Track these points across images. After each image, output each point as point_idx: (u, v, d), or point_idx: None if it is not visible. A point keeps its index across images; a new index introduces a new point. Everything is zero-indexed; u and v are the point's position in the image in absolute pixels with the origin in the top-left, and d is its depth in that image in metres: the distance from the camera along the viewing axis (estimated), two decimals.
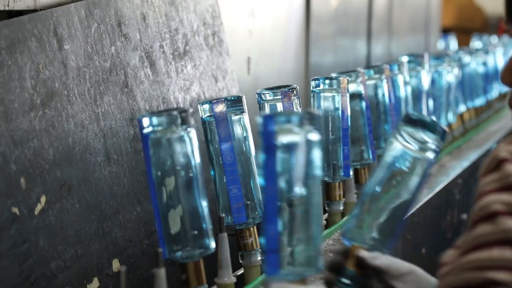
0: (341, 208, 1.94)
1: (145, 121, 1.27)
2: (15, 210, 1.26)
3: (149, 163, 1.28)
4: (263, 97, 1.65)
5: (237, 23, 2.13)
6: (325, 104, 1.90)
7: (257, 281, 1.51)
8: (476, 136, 3.05)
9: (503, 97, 3.55)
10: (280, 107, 1.65)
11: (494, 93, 3.49)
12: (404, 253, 1.99)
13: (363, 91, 2.06)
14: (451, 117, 2.94)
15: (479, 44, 4.06)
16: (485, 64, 3.35)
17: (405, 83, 2.45)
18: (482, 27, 5.76)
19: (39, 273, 1.30)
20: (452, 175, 2.47)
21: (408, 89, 2.48)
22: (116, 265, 1.47)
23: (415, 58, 2.69)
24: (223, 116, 1.51)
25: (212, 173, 1.54)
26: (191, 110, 1.73)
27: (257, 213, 1.54)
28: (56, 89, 1.39)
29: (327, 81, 1.91)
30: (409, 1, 3.69)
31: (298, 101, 1.67)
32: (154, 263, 1.26)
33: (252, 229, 1.54)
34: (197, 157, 1.30)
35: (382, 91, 2.32)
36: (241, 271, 1.57)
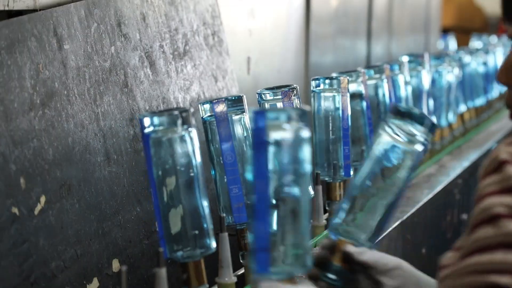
0: None
1: (146, 121, 1.27)
2: (14, 210, 1.26)
3: (150, 162, 1.28)
4: (263, 97, 1.65)
5: (237, 23, 2.12)
6: (325, 104, 1.90)
7: None
8: (476, 136, 3.04)
9: (503, 97, 3.55)
10: (280, 107, 1.64)
11: (495, 93, 3.49)
12: (404, 253, 1.98)
13: (363, 91, 2.06)
14: (451, 117, 2.93)
15: (479, 44, 4.06)
16: (485, 64, 3.35)
17: (405, 83, 2.45)
18: (482, 27, 5.76)
19: (39, 273, 1.30)
20: (452, 175, 2.47)
21: (408, 89, 2.48)
22: (116, 265, 1.47)
23: (415, 58, 2.69)
24: (223, 116, 1.51)
25: (213, 172, 1.54)
26: (191, 110, 1.73)
27: None
28: (55, 89, 1.39)
29: (328, 81, 1.91)
30: (409, 1, 3.68)
31: (299, 101, 1.67)
32: (154, 263, 1.25)
33: None
34: (198, 157, 1.29)
35: (383, 91, 2.32)
36: (242, 270, 1.57)
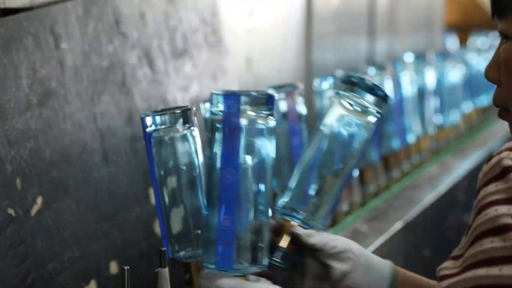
0: (346, 208, 1.93)
1: (148, 120, 1.26)
2: (11, 211, 1.25)
3: (152, 162, 1.27)
4: None
5: (237, 22, 2.11)
6: (328, 103, 1.89)
7: None
8: (481, 136, 3.03)
9: None
10: (284, 105, 1.64)
11: None
12: (405, 254, 1.97)
13: None
14: (456, 116, 2.92)
15: (480, 41, 4.04)
16: None
17: (409, 81, 2.44)
18: (484, 24, 5.75)
19: (36, 275, 1.29)
20: (456, 174, 2.46)
21: (412, 87, 2.47)
22: (114, 267, 1.46)
23: (420, 57, 2.67)
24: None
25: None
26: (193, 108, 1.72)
27: None
28: (52, 88, 1.38)
29: (331, 79, 1.91)
30: None
31: (302, 99, 1.66)
32: (154, 264, 1.24)
33: None
34: (200, 156, 1.29)
35: (386, 89, 2.31)
36: None
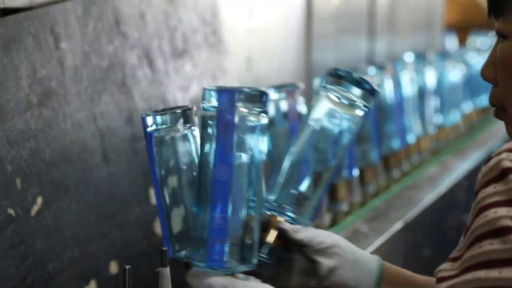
0: (346, 208, 1.93)
1: (149, 120, 1.26)
2: (10, 211, 1.25)
3: (152, 162, 1.26)
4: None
5: (237, 22, 2.11)
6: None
7: None
8: (481, 136, 3.03)
9: None
10: (284, 105, 1.64)
11: None
12: (405, 254, 1.97)
13: None
14: (456, 116, 2.92)
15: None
16: None
17: (410, 81, 2.44)
18: (484, 24, 5.74)
19: (36, 275, 1.29)
20: (456, 174, 2.46)
21: (413, 87, 2.47)
22: (114, 267, 1.46)
23: (420, 56, 2.67)
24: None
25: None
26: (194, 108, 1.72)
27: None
28: (52, 88, 1.38)
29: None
30: None
31: (303, 99, 1.66)
32: (154, 264, 1.24)
33: None
34: None
35: (386, 89, 2.30)
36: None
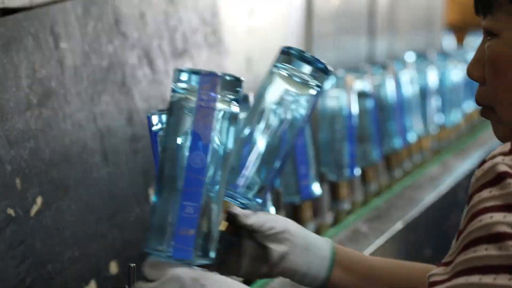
0: (348, 207, 1.93)
1: (154, 119, 1.26)
2: (10, 211, 1.24)
3: (157, 160, 1.26)
4: None
5: (237, 22, 2.11)
6: (331, 102, 1.89)
7: (263, 280, 1.49)
8: (482, 135, 3.02)
9: None
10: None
11: None
12: (406, 254, 1.97)
13: (369, 90, 2.05)
14: (457, 115, 2.91)
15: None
16: None
17: (410, 81, 2.44)
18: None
19: (36, 275, 1.28)
20: (457, 174, 2.45)
21: (414, 87, 2.46)
22: (114, 267, 1.45)
23: (421, 56, 2.66)
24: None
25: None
26: None
27: (264, 209, 1.52)
28: (52, 88, 1.37)
29: (333, 79, 1.90)
30: None
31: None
32: None
33: None
34: None
35: (387, 89, 2.30)
36: None
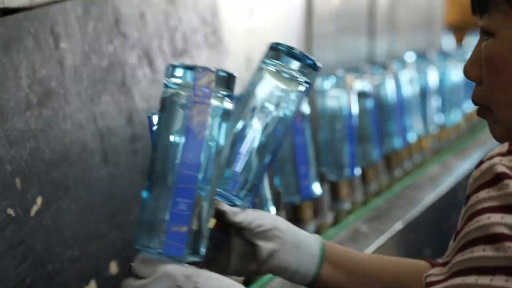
0: (348, 207, 1.93)
1: (155, 119, 1.26)
2: (10, 212, 1.24)
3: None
4: None
5: (237, 22, 2.11)
6: (331, 102, 1.89)
7: (265, 278, 1.49)
8: (482, 135, 3.02)
9: None
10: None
11: None
12: (406, 254, 1.96)
13: (369, 90, 2.05)
14: (457, 115, 2.91)
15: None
16: None
17: (410, 81, 2.44)
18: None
19: (36, 275, 1.28)
20: (457, 174, 2.45)
21: (414, 87, 2.47)
22: (114, 267, 1.45)
23: (421, 56, 2.66)
24: None
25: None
26: None
27: (263, 210, 1.52)
28: (52, 88, 1.37)
29: (333, 79, 1.90)
30: None
31: (306, 99, 1.66)
32: None
33: None
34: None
35: (387, 89, 2.30)
36: None
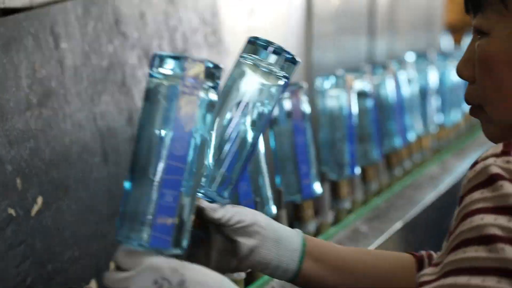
0: (348, 206, 1.93)
1: None
2: (11, 211, 1.25)
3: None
4: None
5: (237, 22, 2.11)
6: (331, 102, 1.90)
7: (266, 277, 1.49)
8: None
9: None
10: (288, 104, 1.64)
11: None
12: None
13: (369, 90, 2.05)
14: (457, 115, 2.91)
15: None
16: None
17: (410, 81, 2.44)
18: None
19: (36, 275, 1.28)
20: (457, 174, 2.45)
21: (413, 87, 2.47)
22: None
23: (421, 56, 2.67)
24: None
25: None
26: None
27: (264, 209, 1.52)
28: (52, 88, 1.37)
29: (333, 79, 1.91)
30: None
31: (306, 98, 1.67)
32: None
33: None
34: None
35: (387, 88, 2.30)
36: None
